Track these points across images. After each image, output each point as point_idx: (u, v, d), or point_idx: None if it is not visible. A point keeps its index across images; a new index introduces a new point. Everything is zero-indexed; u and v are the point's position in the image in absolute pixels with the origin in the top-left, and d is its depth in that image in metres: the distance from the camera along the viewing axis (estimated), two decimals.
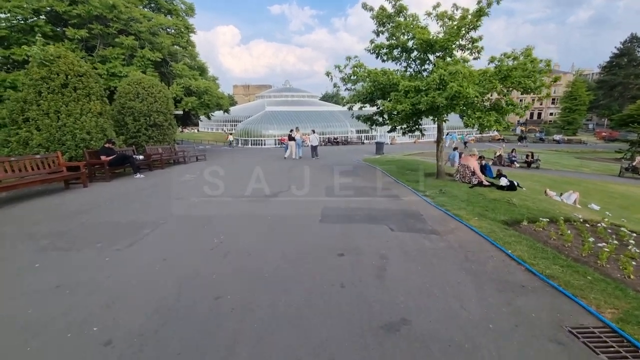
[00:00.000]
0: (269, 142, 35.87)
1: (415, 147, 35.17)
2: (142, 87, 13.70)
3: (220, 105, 22.63)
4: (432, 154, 26.24)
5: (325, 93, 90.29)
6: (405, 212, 6.00)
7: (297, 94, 60.53)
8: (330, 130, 39.35)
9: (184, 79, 18.65)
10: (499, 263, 3.81)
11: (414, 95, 8.27)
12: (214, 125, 62.19)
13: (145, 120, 13.49)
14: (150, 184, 8.66)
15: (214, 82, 22.64)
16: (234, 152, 25.77)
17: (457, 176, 8.96)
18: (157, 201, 6.69)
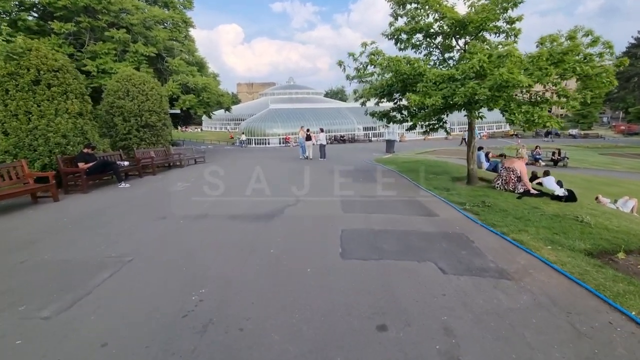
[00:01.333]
0: (273, 141, 34.56)
1: (426, 144, 33.61)
2: (132, 84, 12.41)
3: (220, 104, 21.32)
4: (448, 152, 24.62)
5: (329, 90, 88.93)
6: (448, 236, 4.60)
7: (301, 91, 59.14)
8: (336, 127, 37.92)
9: (181, 75, 17.35)
10: (628, 337, 2.41)
11: (445, 86, 6.84)
12: (217, 124, 61.16)
13: (136, 121, 12.21)
14: (133, 197, 7.36)
15: (213, 79, 21.32)
16: (237, 152, 24.48)
17: (499, 182, 7.48)
18: (133, 222, 5.36)
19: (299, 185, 8.46)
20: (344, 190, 7.83)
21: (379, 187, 8.19)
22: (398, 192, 7.67)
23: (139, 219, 5.55)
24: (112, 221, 5.43)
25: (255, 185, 8.47)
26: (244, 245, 4.31)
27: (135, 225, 5.16)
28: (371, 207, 6.17)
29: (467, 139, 8.72)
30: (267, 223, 5.24)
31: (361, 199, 6.91)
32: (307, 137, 17.60)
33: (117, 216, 5.73)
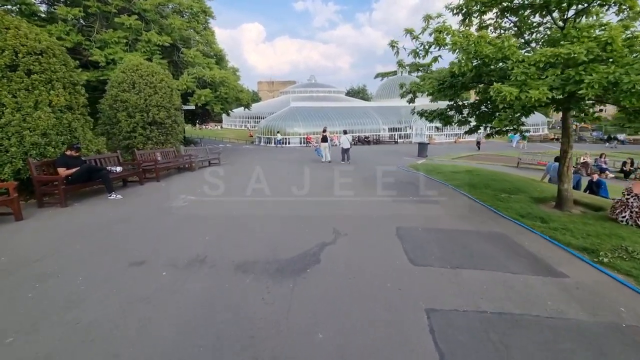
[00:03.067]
0: (293, 140, 32.81)
1: (458, 147, 30.90)
2: (138, 75, 10.84)
3: (239, 100, 19.72)
4: (489, 158, 21.69)
5: (350, 88, 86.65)
6: (621, 330, 2.51)
7: (322, 89, 57.30)
8: (360, 127, 35.78)
9: (197, 68, 15.78)
10: None
11: (557, 73, 4.69)
12: (237, 122, 60.31)
13: (142, 117, 10.62)
14: (117, 217, 5.59)
15: (233, 74, 19.71)
16: (255, 153, 22.82)
17: (625, 214, 5.15)
18: (91, 274, 3.53)
19: (331, 210, 6.55)
20: (394, 215, 5.80)
21: (440, 211, 6.10)
22: (471, 219, 5.56)
23: (104, 264, 3.72)
24: (63, 266, 3.63)
25: (274, 203, 6.61)
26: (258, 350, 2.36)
27: (92, 281, 3.32)
28: (450, 251, 4.11)
29: (562, 146, 6.44)
30: (295, 283, 3.29)
31: (426, 232, 4.86)
32: (323, 138, 15.73)
33: (76, 257, 3.91)
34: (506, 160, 20.26)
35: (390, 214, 5.79)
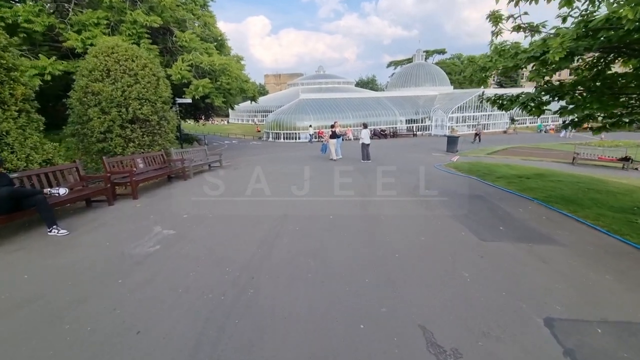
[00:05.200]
0: (303, 135, 30.38)
1: (485, 140, 27.76)
2: (114, 59, 8.54)
3: (244, 92, 17.32)
4: (530, 152, 18.30)
5: (359, 79, 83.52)
6: None
7: (331, 80, 54.65)
8: (375, 120, 33.07)
9: (193, 54, 13.40)
10: None
11: None
12: (245, 116, 58.16)
13: (120, 113, 8.34)
14: (28, 293, 3.29)
15: (236, 62, 17.29)
16: (263, 150, 20.48)
17: None
18: None
19: (373, 243, 4.15)
20: (512, 280, 3.36)
21: (580, 266, 3.62)
22: (626, 281, 3.11)
23: None
24: None
25: (291, 241, 4.25)
26: None
27: None
28: None
29: None
30: None
31: (611, 338, 2.43)
32: (332, 134, 13.53)
33: None
34: (553, 155, 17.47)
35: (501, 276, 3.34)
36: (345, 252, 3.88)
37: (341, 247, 4.02)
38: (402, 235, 4.43)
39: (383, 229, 4.67)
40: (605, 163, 14.19)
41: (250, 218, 5.36)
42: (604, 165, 14.01)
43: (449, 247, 3.97)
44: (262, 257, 3.76)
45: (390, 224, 4.93)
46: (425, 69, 45.35)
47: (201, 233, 4.62)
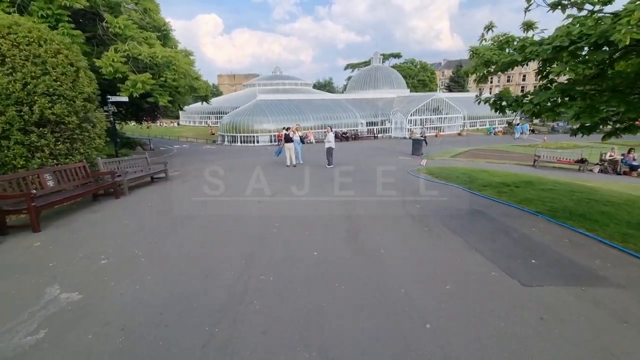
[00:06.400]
0: (262, 138, 28.65)
1: (445, 142, 28.10)
2: (10, 42, 6.42)
3: (195, 90, 15.32)
4: (491, 155, 18.49)
5: (317, 82, 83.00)
6: None
7: (289, 81, 53.20)
8: (336, 122, 32.27)
9: (129, 43, 11.26)
10: None
11: None
12: (197, 118, 54.27)
13: (20, 114, 6.25)
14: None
15: (184, 56, 15.23)
16: (218, 155, 18.45)
17: None
18: None
19: (386, 303, 2.98)
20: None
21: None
22: None
23: None
24: None
25: (265, 306, 2.90)
26: None
27: None
28: None
29: None
30: None
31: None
32: (286, 137, 12.64)
33: None
34: (514, 158, 17.84)
35: (589, 355, 2.32)
36: (353, 327, 2.60)
37: (345, 319, 2.73)
38: (419, 283, 3.28)
39: (392, 276, 3.47)
40: (563, 165, 14.59)
41: (205, 261, 3.87)
42: (562, 168, 14.39)
43: (489, 301, 2.90)
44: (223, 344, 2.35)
45: (397, 265, 3.76)
46: (383, 71, 45.80)
47: (124, 298, 3.04)
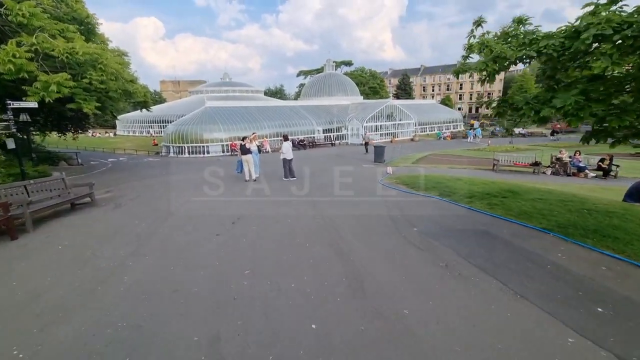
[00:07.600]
0: (213, 148, 26.40)
1: (401, 148, 28.35)
2: None
3: (130, 95, 13.07)
4: (447, 160, 18.58)
5: (267, 89, 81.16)
6: None
7: (239, 88, 51.06)
8: (292, 129, 31.07)
9: (39, 35, 8.94)
10: None
11: None
12: (137, 127, 49.22)
13: None
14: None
15: (116, 55, 12.97)
16: (163, 170, 16.06)
17: None
18: None
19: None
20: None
21: None
22: None
23: None
24: None
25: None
26: None
27: None
28: None
29: None
30: None
31: None
32: (242, 149, 11.10)
33: None
34: (473, 162, 18.17)
35: None
36: None
37: None
38: None
39: (421, 345, 2.31)
40: (520, 168, 14.99)
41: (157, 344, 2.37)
42: (518, 171, 14.77)
43: None
44: None
45: (432, 334, 2.61)
46: (336, 78, 45.81)
47: None
